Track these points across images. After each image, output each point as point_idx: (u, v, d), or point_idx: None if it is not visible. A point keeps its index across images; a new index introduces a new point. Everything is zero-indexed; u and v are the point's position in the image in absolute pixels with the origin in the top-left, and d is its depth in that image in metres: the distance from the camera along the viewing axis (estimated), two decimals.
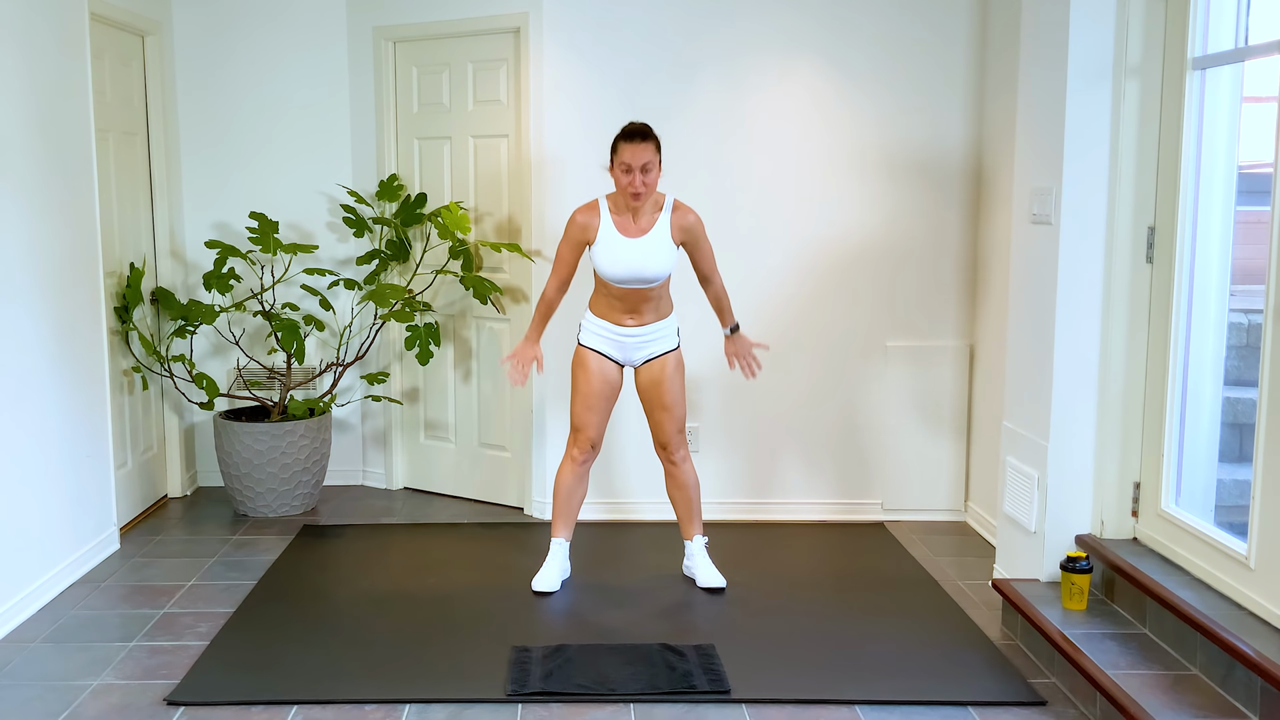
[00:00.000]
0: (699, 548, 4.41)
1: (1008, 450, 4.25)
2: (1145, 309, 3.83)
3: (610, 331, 4.24)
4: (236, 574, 4.54)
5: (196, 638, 3.88)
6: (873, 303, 5.20)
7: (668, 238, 4.12)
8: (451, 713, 3.35)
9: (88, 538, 4.59)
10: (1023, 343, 4.15)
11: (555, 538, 4.40)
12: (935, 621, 4.04)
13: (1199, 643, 3.23)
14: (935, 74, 5.07)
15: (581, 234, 4.16)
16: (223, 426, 5.26)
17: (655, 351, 4.27)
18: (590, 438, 4.30)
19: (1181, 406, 3.75)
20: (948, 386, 5.23)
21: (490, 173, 5.32)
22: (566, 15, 5.01)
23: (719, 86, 5.07)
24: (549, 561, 4.38)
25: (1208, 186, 3.62)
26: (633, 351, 4.26)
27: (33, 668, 3.65)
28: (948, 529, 5.19)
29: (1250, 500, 3.24)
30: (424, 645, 3.81)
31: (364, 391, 5.68)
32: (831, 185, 5.13)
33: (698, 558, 4.40)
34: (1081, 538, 3.93)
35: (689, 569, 4.46)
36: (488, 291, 5.14)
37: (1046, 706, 3.39)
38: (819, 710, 3.36)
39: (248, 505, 5.31)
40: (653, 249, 4.10)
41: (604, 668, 3.59)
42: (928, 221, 5.16)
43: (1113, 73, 3.75)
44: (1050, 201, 3.89)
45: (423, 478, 5.77)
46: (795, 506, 5.29)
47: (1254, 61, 3.48)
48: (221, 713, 3.36)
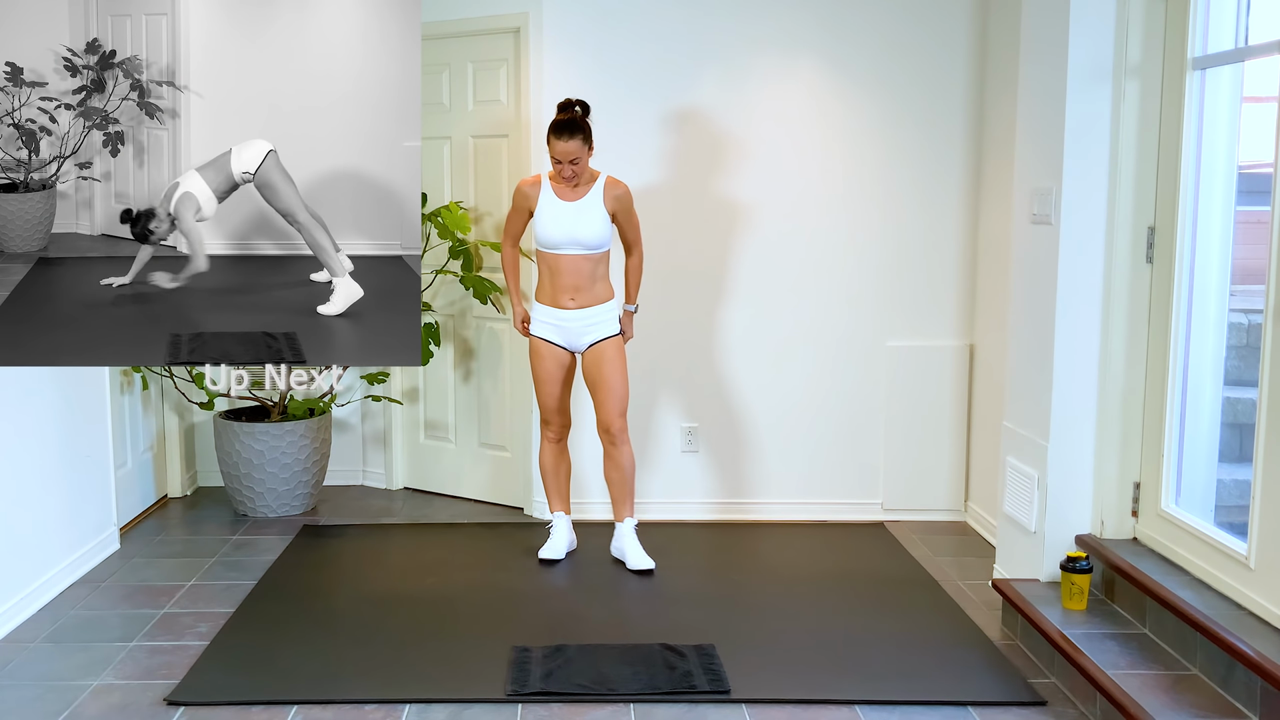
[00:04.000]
0: (629, 529, 4.60)
1: (1008, 450, 4.25)
2: (1145, 309, 3.83)
3: (554, 318, 4.51)
4: (236, 574, 4.54)
5: (196, 638, 3.88)
6: (873, 303, 5.20)
7: (600, 205, 4.41)
8: (451, 713, 3.35)
9: (88, 538, 4.59)
10: (1023, 343, 4.15)
11: (554, 513, 4.71)
12: (935, 621, 4.04)
13: (1199, 643, 3.23)
14: (935, 74, 5.08)
15: (525, 201, 4.50)
16: (223, 426, 5.26)
17: (598, 336, 4.51)
18: (556, 419, 4.64)
19: (1181, 406, 3.74)
20: (948, 386, 5.23)
21: (490, 173, 5.32)
22: (566, 15, 5.02)
23: (719, 87, 5.07)
24: (552, 534, 4.68)
25: (1208, 186, 3.62)
26: (577, 337, 4.52)
27: (33, 668, 3.65)
28: (948, 529, 5.19)
29: (1250, 500, 3.24)
30: (424, 645, 3.81)
31: (364, 391, 5.68)
32: (831, 185, 5.13)
33: (627, 539, 4.58)
34: (1081, 538, 3.93)
35: (618, 550, 4.61)
36: (488, 291, 5.14)
37: (1046, 706, 3.39)
38: (819, 710, 3.36)
39: (248, 505, 5.31)
40: (586, 212, 4.40)
41: (604, 668, 3.59)
42: (928, 221, 5.16)
43: (1113, 73, 3.75)
44: (1050, 201, 3.89)
45: (423, 478, 5.77)
46: (795, 506, 5.29)
47: (1254, 61, 3.48)
48: (221, 713, 3.36)
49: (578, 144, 4.30)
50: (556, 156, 4.33)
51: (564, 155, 4.31)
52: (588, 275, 4.45)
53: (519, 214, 4.55)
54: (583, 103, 4.42)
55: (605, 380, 4.50)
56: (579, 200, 4.40)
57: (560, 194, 4.42)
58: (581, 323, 4.49)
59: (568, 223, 4.39)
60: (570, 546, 4.70)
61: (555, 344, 4.53)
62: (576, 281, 4.45)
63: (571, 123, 4.31)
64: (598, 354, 4.51)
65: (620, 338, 4.55)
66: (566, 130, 4.29)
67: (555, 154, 4.33)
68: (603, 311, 4.50)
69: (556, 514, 4.71)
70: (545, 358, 4.55)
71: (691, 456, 5.24)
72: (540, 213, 4.44)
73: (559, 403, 4.60)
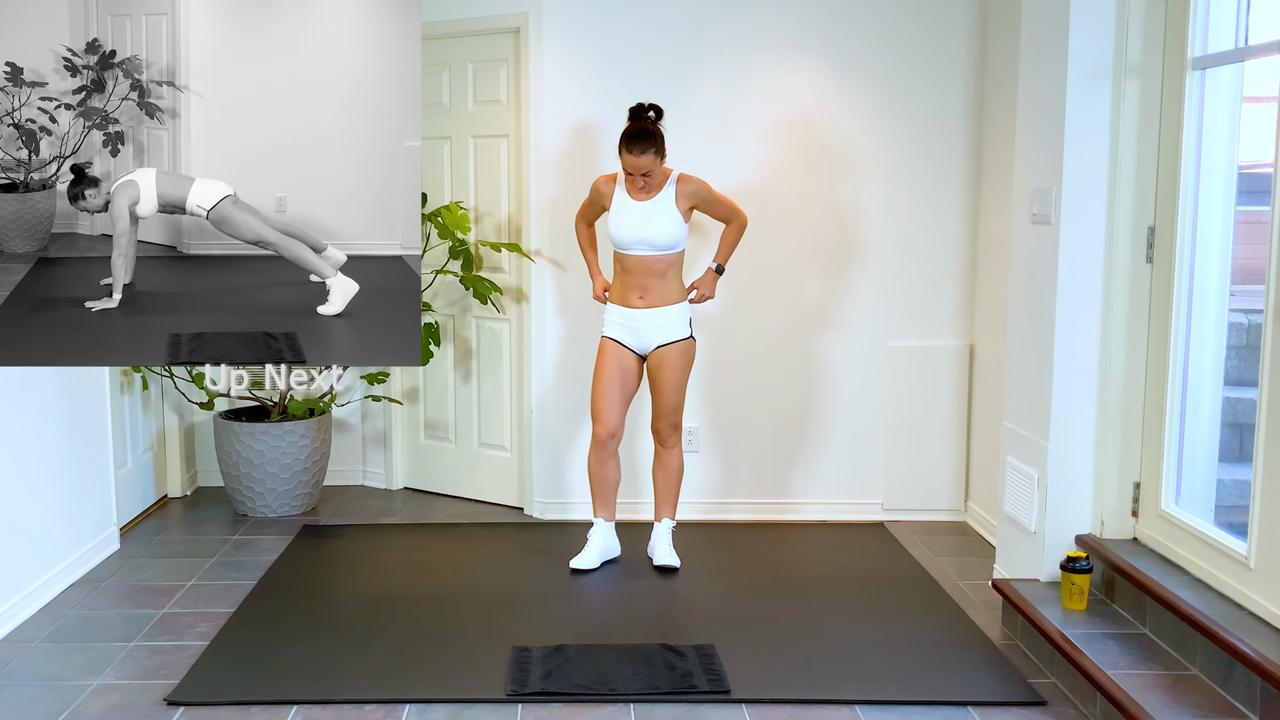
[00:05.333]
0: (666, 530, 4.58)
1: (1008, 450, 4.25)
2: (1145, 309, 3.83)
3: (624, 317, 4.41)
4: (236, 574, 4.54)
5: (196, 638, 3.88)
6: (873, 303, 5.20)
7: (673, 204, 4.31)
8: (451, 713, 3.35)
9: (88, 538, 4.59)
10: (1023, 343, 4.15)
11: (595, 518, 4.59)
12: (935, 621, 4.04)
13: (1199, 643, 3.23)
14: (936, 73, 5.08)
15: (599, 198, 4.45)
16: (223, 426, 5.26)
17: (666, 338, 4.41)
18: (606, 425, 4.47)
19: (1181, 406, 3.74)
20: (948, 386, 5.23)
21: (490, 173, 5.32)
22: (566, 15, 5.02)
23: (719, 86, 5.07)
24: (589, 542, 4.57)
25: (1208, 186, 3.62)
26: (645, 337, 4.41)
27: (33, 668, 3.65)
28: (948, 529, 5.19)
29: (1250, 500, 3.24)
30: (424, 645, 3.81)
31: (364, 391, 5.68)
32: (832, 184, 5.13)
33: (659, 537, 4.57)
34: (1081, 538, 3.93)
35: (651, 548, 4.61)
36: (488, 291, 5.14)
37: (1046, 706, 3.39)
38: (819, 710, 3.36)
39: (248, 505, 5.31)
40: (657, 213, 4.30)
41: (604, 668, 3.59)
42: (928, 221, 5.16)
43: (1113, 73, 3.75)
44: (1050, 201, 3.89)
45: (423, 478, 5.77)
46: (795, 506, 5.29)
47: (1254, 61, 3.48)
48: (221, 713, 3.36)
49: (650, 158, 4.17)
50: (628, 169, 4.20)
51: (636, 169, 4.19)
52: (657, 275, 4.35)
53: (593, 206, 4.50)
54: (656, 107, 4.25)
55: (665, 383, 4.42)
56: (651, 200, 4.30)
57: (632, 194, 4.32)
58: (650, 323, 4.38)
59: (639, 223, 4.29)
60: (607, 555, 4.57)
61: (623, 344, 4.42)
62: (645, 281, 4.36)
63: (644, 133, 4.16)
64: (662, 356, 4.41)
65: (690, 342, 4.44)
66: (639, 143, 4.16)
67: (627, 167, 4.19)
68: (673, 313, 4.39)
69: (596, 519, 4.56)
70: (608, 358, 4.43)
71: (691, 456, 5.24)
72: (613, 212, 4.35)
73: (610, 404, 4.43)
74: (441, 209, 5.09)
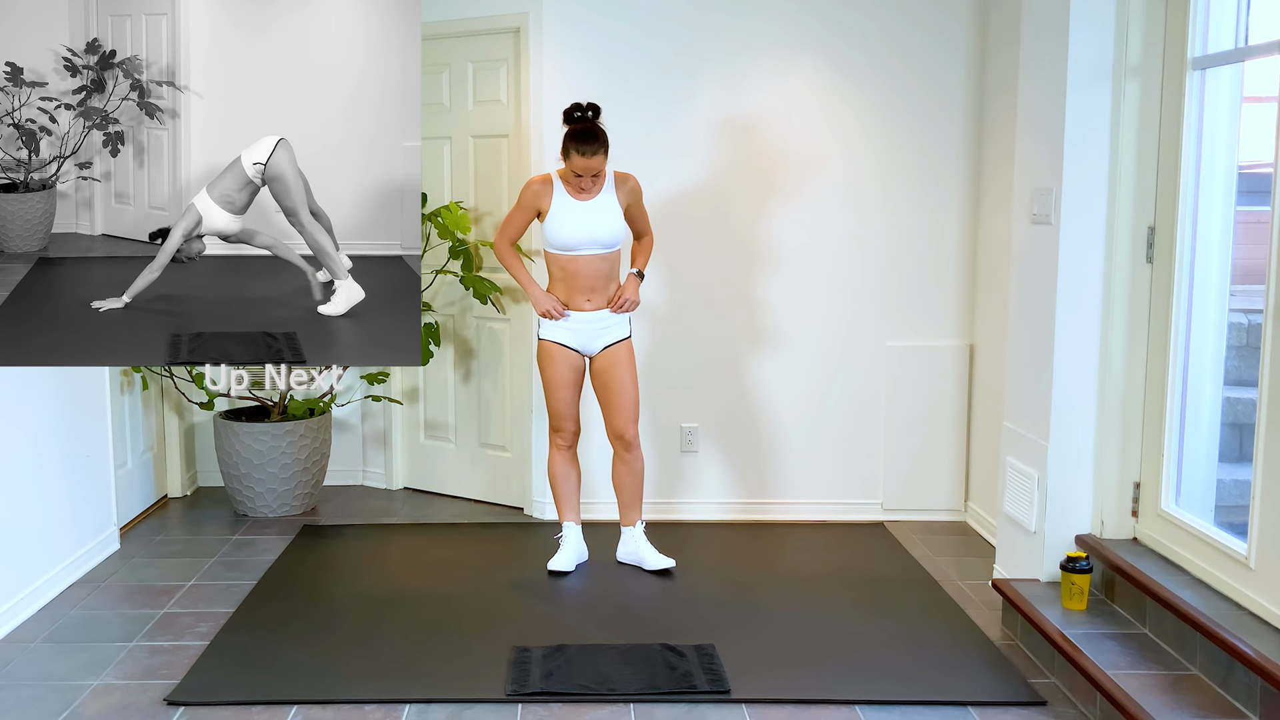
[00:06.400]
0: (640, 533, 4.57)
1: (1008, 450, 4.25)
2: (1145, 309, 3.83)
3: (568, 320, 4.38)
4: (236, 574, 4.54)
5: (196, 638, 3.88)
6: (873, 302, 5.20)
7: (614, 202, 4.33)
8: (451, 713, 3.35)
9: (88, 538, 4.59)
10: (1023, 343, 4.15)
11: (564, 522, 4.57)
12: (935, 621, 4.04)
13: (1199, 643, 3.23)
14: (936, 73, 5.08)
15: (534, 200, 4.35)
16: (223, 426, 5.26)
17: (613, 338, 4.42)
18: (567, 426, 4.51)
19: (1181, 406, 3.74)
20: (948, 386, 5.23)
21: (490, 173, 5.32)
22: (566, 15, 5.02)
23: (719, 86, 5.07)
24: (562, 545, 4.57)
25: (1208, 186, 3.62)
26: (592, 339, 4.41)
27: (33, 668, 3.65)
28: (948, 529, 5.19)
29: (1250, 500, 3.24)
30: (424, 645, 3.81)
31: (364, 391, 5.68)
32: (831, 184, 5.13)
33: (640, 542, 4.56)
34: (1081, 538, 3.93)
35: (633, 556, 4.57)
36: (488, 291, 5.14)
37: (1046, 706, 3.39)
38: (819, 710, 3.36)
39: (248, 505, 5.31)
40: (602, 210, 4.30)
41: (604, 668, 3.59)
42: (928, 221, 5.16)
43: (1113, 73, 3.75)
44: (1050, 201, 3.89)
45: (423, 478, 5.77)
46: (795, 506, 5.29)
47: (1254, 61, 3.48)
48: (221, 713, 3.36)
49: (601, 158, 4.18)
50: (577, 170, 4.20)
51: (587, 170, 4.19)
52: (605, 275, 4.35)
53: (524, 213, 4.38)
54: (594, 106, 4.22)
55: (618, 385, 4.41)
56: (595, 199, 4.30)
57: (574, 193, 4.30)
58: (597, 324, 4.39)
59: (586, 223, 4.27)
60: (581, 559, 4.60)
61: (568, 347, 4.40)
62: (593, 283, 4.34)
63: (591, 133, 4.17)
64: (610, 357, 4.41)
65: (631, 341, 4.47)
66: (589, 143, 4.16)
67: (576, 168, 4.19)
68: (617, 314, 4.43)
69: (567, 524, 4.58)
70: (558, 361, 4.41)
71: (691, 456, 5.24)
72: (555, 214, 4.30)
73: (571, 408, 4.47)
74: (441, 209, 5.09)
